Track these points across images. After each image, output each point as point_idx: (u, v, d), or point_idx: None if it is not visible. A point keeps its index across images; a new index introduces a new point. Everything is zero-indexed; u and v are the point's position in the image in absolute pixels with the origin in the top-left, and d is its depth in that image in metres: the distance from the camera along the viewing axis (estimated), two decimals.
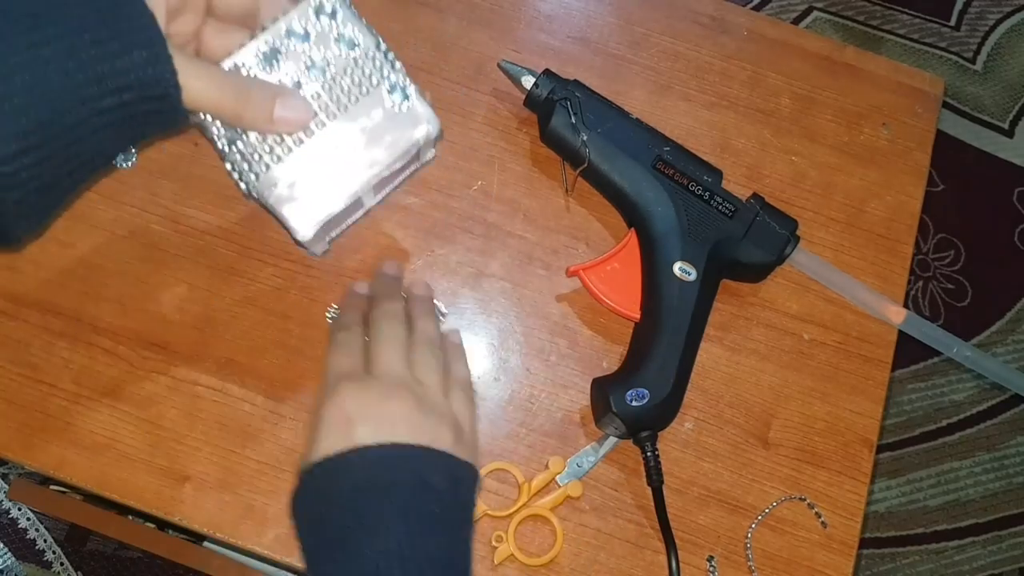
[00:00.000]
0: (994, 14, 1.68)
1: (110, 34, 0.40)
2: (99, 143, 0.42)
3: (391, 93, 0.49)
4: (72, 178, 0.43)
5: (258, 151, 0.47)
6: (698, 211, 0.58)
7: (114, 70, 0.40)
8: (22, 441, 0.53)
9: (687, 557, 0.55)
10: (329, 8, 0.48)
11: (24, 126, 0.39)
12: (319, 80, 0.48)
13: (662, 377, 0.55)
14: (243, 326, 0.57)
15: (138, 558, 1.18)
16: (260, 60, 0.47)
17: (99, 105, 0.41)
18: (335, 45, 0.48)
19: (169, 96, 0.42)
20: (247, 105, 0.45)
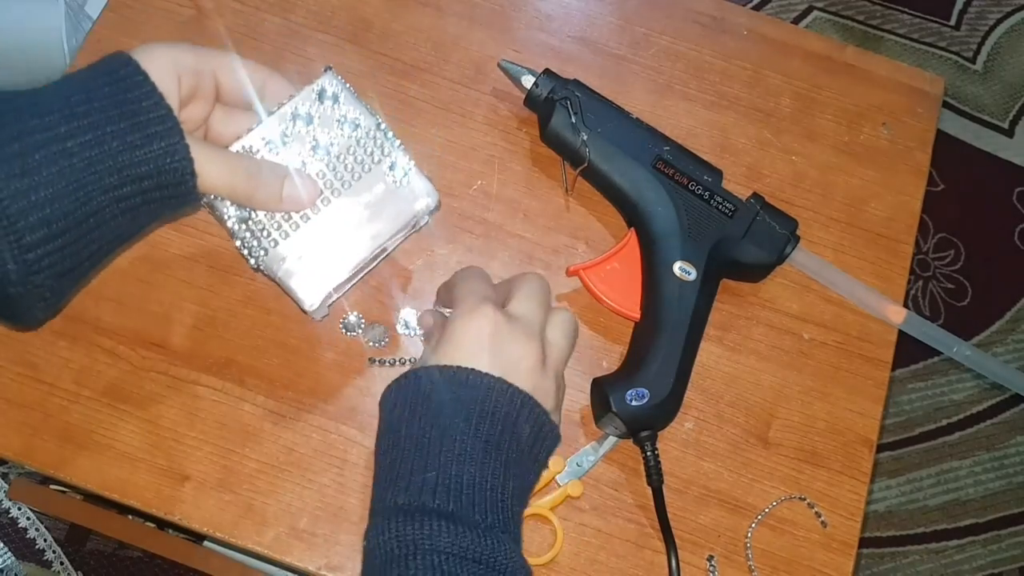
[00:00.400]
0: (994, 14, 1.67)
1: (130, 127, 0.43)
2: (117, 228, 0.45)
3: (392, 170, 0.53)
4: (90, 261, 0.46)
5: (267, 228, 0.51)
6: (698, 211, 0.58)
7: (134, 160, 0.43)
8: (22, 440, 0.53)
9: (687, 557, 0.55)
10: (331, 92, 0.52)
11: (48, 215, 0.42)
12: (324, 160, 0.52)
13: (662, 377, 0.55)
14: (243, 326, 0.57)
15: (138, 558, 1.18)
16: (267, 143, 0.51)
17: (119, 193, 0.44)
18: (338, 127, 0.52)
19: (186, 183, 0.45)
20: (258, 186, 0.49)
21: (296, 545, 0.53)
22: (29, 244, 0.41)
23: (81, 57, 0.61)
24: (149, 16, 0.63)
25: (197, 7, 0.64)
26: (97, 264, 0.47)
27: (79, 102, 0.43)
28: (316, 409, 0.56)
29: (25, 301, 0.43)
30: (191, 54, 0.48)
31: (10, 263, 0.41)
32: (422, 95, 0.64)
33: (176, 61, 0.47)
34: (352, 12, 0.65)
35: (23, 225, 0.41)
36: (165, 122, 0.44)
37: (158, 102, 0.44)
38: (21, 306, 0.43)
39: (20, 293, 0.42)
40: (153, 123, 0.44)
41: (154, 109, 0.44)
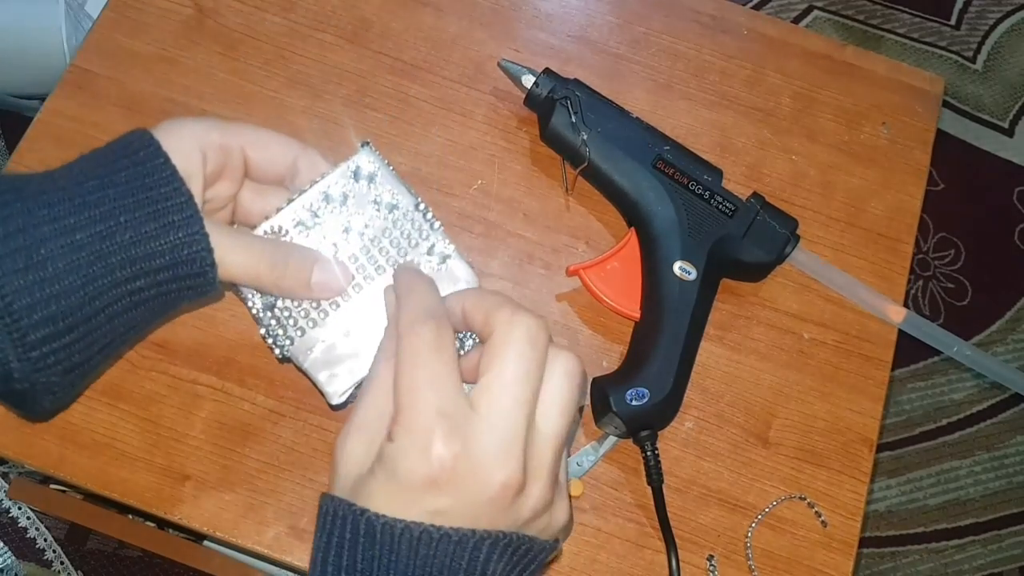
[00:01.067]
0: (994, 13, 1.67)
1: (145, 216, 0.40)
2: (130, 321, 0.42)
3: (429, 254, 0.48)
4: (101, 355, 0.43)
5: (294, 315, 0.47)
6: (698, 210, 0.58)
7: (149, 252, 0.40)
8: (22, 440, 0.53)
9: (687, 556, 0.55)
10: (367, 172, 0.48)
11: (54, 312, 0.39)
12: (357, 243, 0.48)
13: (662, 377, 0.55)
14: (243, 325, 0.57)
15: (138, 557, 1.18)
16: (297, 224, 0.47)
17: (132, 286, 0.41)
18: (373, 208, 0.48)
19: (205, 274, 0.42)
20: (284, 274, 0.45)
21: (296, 545, 0.53)
22: (33, 342, 0.39)
23: (81, 56, 0.61)
24: (149, 15, 0.63)
25: (197, 6, 0.64)
26: (109, 357, 0.44)
27: (92, 189, 0.40)
28: (316, 408, 0.56)
29: (32, 396, 0.41)
30: (218, 131, 0.45)
31: (13, 361, 0.39)
32: (422, 94, 0.64)
33: (202, 138, 0.44)
34: (352, 11, 0.65)
35: (27, 323, 0.38)
36: (184, 211, 0.41)
37: (178, 188, 0.41)
38: (28, 400, 0.41)
39: (25, 389, 0.40)
40: (171, 211, 0.41)
41: (173, 196, 0.41)
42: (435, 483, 0.37)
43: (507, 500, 0.38)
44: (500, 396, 0.38)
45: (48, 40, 1.12)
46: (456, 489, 0.37)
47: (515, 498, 0.38)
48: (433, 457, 0.37)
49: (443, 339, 0.40)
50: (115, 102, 0.61)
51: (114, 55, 0.62)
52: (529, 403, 0.39)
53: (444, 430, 0.37)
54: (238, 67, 0.62)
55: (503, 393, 0.38)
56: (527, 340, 0.39)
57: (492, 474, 0.37)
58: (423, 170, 0.62)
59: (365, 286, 0.48)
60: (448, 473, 0.37)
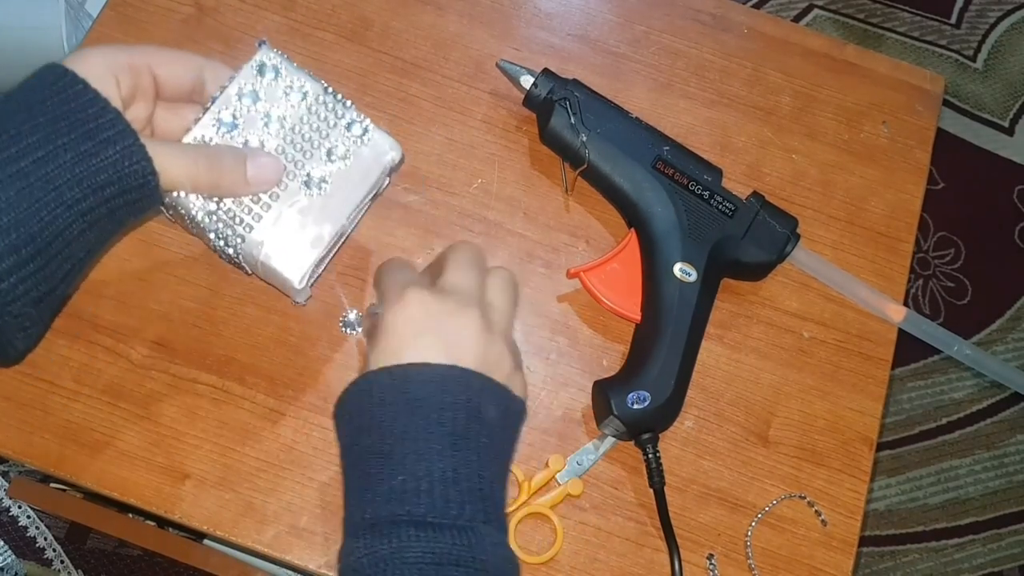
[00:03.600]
0: (995, 12, 1.67)
1: (80, 136, 0.42)
2: (87, 243, 0.44)
3: (349, 130, 0.52)
4: (65, 282, 0.44)
5: (237, 214, 0.50)
6: (698, 211, 0.58)
7: (92, 169, 0.42)
8: (22, 439, 0.53)
9: (687, 555, 0.55)
10: (271, 65, 0.51)
11: (15, 241, 0.40)
12: (279, 134, 0.51)
13: (663, 379, 0.55)
14: (243, 324, 0.57)
15: (138, 556, 1.18)
16: (219, 129, 0.50)
17: (83, 206, 0.42)
18: (285, 98, 0.51)
19: (148, 183, 0.44)
20: (221, 173, 0.48)
21: (296, 543, 0.53)
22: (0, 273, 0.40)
23: None
24: (149, 14, 0.63)
25: (197, 5, 0.64)
26: (72, 283, 0.45)
27: (23, 120, 0.41)
28: (316, 407, 0.56)
29: (5, 334, 0.42)
30: (124, 53, 0.46)
31: None
32: (422, 93, 0.64)
33: (111, 63, 0.45)
34: (352, 10, 0.65)
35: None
36: (116, 125, 0.43)
37: (104, 107, 0.43)
38: (1, 340, 0.42)
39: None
40: (103, 128, 0.42)
41: (102, 115, 0.43)
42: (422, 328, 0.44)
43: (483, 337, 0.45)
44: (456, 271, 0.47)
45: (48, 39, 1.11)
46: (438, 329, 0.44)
47: (487, 335, 0.45)
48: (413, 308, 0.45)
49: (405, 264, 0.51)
50: None
51: None
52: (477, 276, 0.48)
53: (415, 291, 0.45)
54: (238, 66, 0.62)
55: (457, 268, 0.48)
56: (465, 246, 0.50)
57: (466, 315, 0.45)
58: (423, 168, 0.61)
59: (297, 172, 0.51)
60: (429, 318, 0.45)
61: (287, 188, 0.51)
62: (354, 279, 0.59)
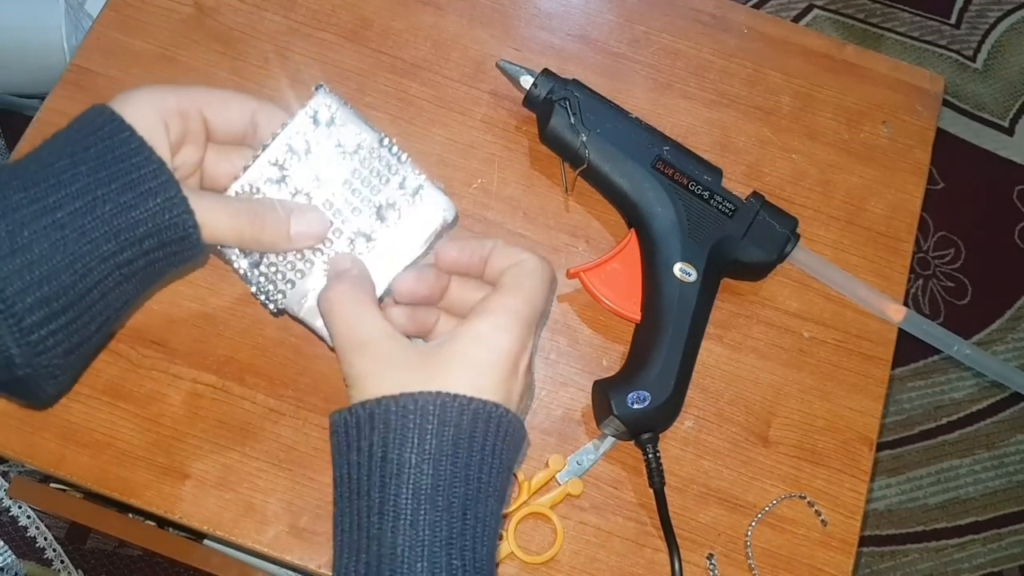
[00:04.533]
0: (994, 12, 1.67)
1: (121, 187, 0.41)
2: (123, 295, 0.43)
3: (402, 188, 0.49)
4: (99, 333, 0.43)
5: (280, 269, 0.48)
6: (698, 211, 0.58)
7: (131, 222, 0.41)
8: (22, 439, 0.53)
9: (687, 555, 0.55)
10: (326, 116, 0.49)
11: (47, 293, 0.39)
12: (329, 189, 0.49)
13: (663, 379, 0.55)
14: (243, 324, 0.57)
15: (138, 556, 1.18)
16: (267, 180, 0.48)
17: (120, 259, 0.41)
18: (338, 151, 0.49)
19: (189, 236, 0.43)
20: (264, 228, 0.46)
21: (296, 543, 0.53)
22: (31, 326, 0.39)
23: (81, 55, 0.61)
24: (149, 14, 0.63)
25: (197, 5, 0.64)
26: (107, 333, 0.44)
27: (64, 168, 0.40)
28: (316, 407, 0.56)
29: (35, 381, 0.41)
30: (174, 96, 0.45)
31: (13, 347, 0.39)
32: (422, 93, 0.64)
33: (160, 107, 0.44)
34: (352, 10, 0.65)
35: (21, 307, 0.38)
36: (158, 176, 0.41)
37: (148, 156, 0.42)
38: (31, 386, 0.41)
39: (28, 375, 0.40)
40: (146, 179, 0.41)
41: (145, 164, 0.41)
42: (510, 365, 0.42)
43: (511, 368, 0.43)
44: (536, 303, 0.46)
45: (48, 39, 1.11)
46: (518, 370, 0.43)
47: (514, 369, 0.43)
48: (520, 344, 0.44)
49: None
50: None
51: (114, 54, 0.62)
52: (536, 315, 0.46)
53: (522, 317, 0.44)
54: (238, 66, 0.62)
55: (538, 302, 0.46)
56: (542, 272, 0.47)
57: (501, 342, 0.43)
58: (423, 169, 0.61)
59: (344, 230, 0.49)
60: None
61: (332, 245, 0.49)
62: None
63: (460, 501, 0.39)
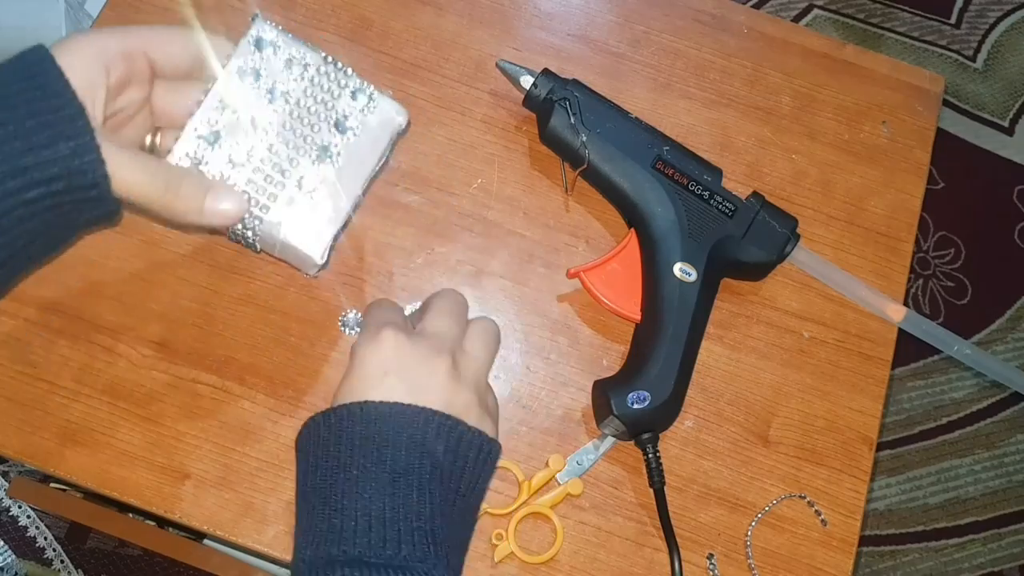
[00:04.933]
0: (994, 12, 1.67)
1: (36, 125, 0.41)
2: (29, 234, 0.43)
3: (355, 99, 0.51)
4: (5, 269, 0.43)
5: (252, 197, 0.50)
6: (698, 211, 0.58)
7: (39, 161, 0.41)
8: (22, 439, 0.53)
9: (687, 555, 0.55)
10: (268, 40, 0.50)
11: None
12: (285, 109, 0.50)
13: (663, 379, 0.55)
14: (243, 324, 0.57)
15: (138, 556, 1.18)
16: (223, 109, 0.49)
17: (25, 196, 0.41)
18: (286, 72, 0.50)
19: (98, 185, 0.43)
20: (176, 197, 0.46)
21: None
22: None
23: None
24: (149, 14, 0.63)
25: (197, 5, 0.64)
26: (14, 274, 0.45)
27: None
28: (316, 407, 0.56)
29: None
30: (116, 39, 0.45)
31: None
32: (422, 93, 0.64)
33: (101, 50, 0.44)
34: (352, 10, 0.65)
35: None
36: (75, 121, 0.42)
37: (69, 100, 0.42)
38: None
39: None
40: (62, 122, 0.41)
41: (64, 107, 0.42)
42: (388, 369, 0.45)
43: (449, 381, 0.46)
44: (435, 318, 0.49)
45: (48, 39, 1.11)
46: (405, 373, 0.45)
47: (455, 383, 0.46)
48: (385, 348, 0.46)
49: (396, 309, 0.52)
50: None
51: None
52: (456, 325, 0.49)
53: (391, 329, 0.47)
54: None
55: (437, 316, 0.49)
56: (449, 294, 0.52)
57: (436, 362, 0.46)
58: (423, 169, 0.61)
59: (307, 146, 0.50)
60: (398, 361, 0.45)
61: (298, 164, 0.50)
62: (354, 279, 0.59)
63: None
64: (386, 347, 0.46)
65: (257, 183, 0.50)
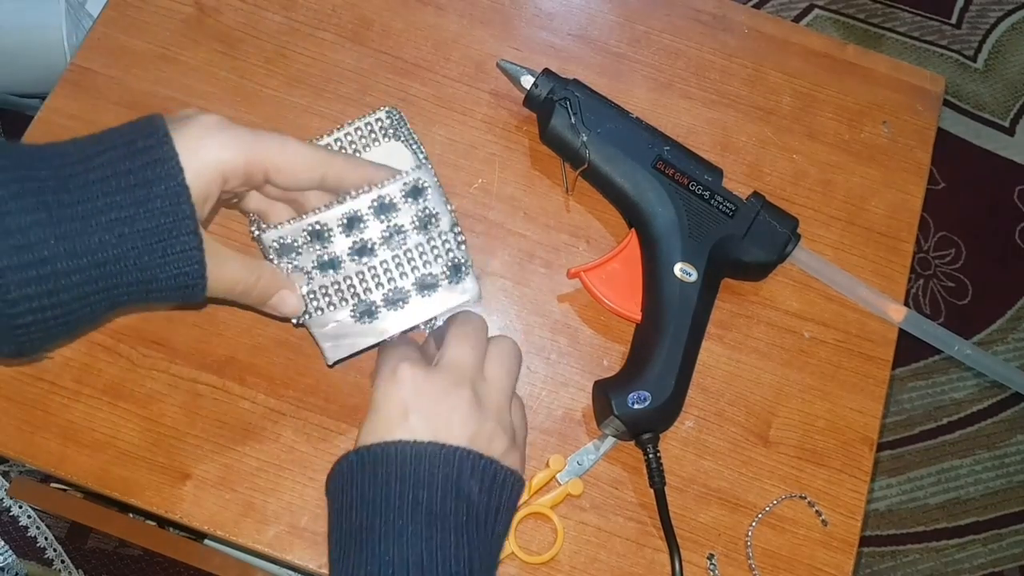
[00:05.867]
0: (995, 12, 1.67)
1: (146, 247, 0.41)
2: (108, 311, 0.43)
3: (447, 271, 0.52)
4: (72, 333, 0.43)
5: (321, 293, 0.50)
6: (699, 211, 0.58)
7: (144, 279, 0.41)
8: (23, 439, 0.53)
9: (687, 555, 0.55)
10: (422, 187, 0.50)
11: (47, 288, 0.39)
12: (392, 250, 0.51)
13: (664, 379, 0.55)
14: (243, 324, 0.57)
15: (139, 556, 1.18)
16: (343, 221, 0.49)
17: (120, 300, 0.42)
18: (416, 221, 0.51)
19: (194, 291, 0.43)
20: (253, 290, 0.47)
21: (297, 543, 0.53)
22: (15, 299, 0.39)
23: (81, 55, 0.61)
24: (150, 14, 0.63)
25: (197, 5, 0.64)
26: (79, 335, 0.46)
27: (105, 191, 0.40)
28: (317, 407, 0.56)
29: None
30: (244, 155, 0.44)
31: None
32: (422, 93, 0.64)
33: (225, 163, 0.43)
34: (353, 10, 0.65)
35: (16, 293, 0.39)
36: (187, 236, 0.41)
37: (187, 217, 0.41)
38: None
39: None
40: (175, 243, 0.41)
41: (179, 227, 0.41)
42: (409, 406, 0.45)
43: (472, 413, 0.45)
44: (452, 348, 0.48)
45: (48, 38, 1.11)
46: (427, 410, 0.45)
47: (477, 412, 0.46)
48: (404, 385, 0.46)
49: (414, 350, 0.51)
50: (115, 101, 0.61)
51: (114, 54, 0.62)
52: (476, 351, 0.48)
53: (408, 364, 0.46)
54: (239, 66, 0.62)
55: (455, 345, 0.48)
56: (465, 318, 0.51)
57: (457, 395, 0.46)
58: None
59: (387, 286, 0.51)
60: (417, 397, 0.45)
61: (370, 295, 0.51)
62: None
63: None
64: (404, 384, 0.46)
65: (330, 294, 0.50)
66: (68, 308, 0.40)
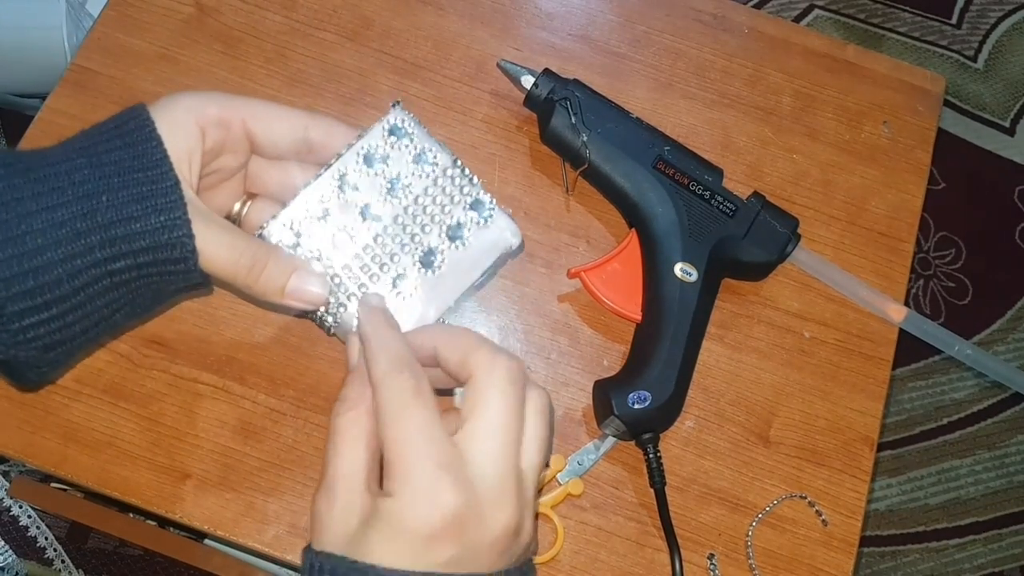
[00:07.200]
0: (995, 12, 1.67)
1: (129, 197, 0.40)
2: (112, 303, 0.42)
3: (472, 210, 0.49)
4: (85, 336, 0.43)
5: (344, 283, 0.47)
6: (699, 211, 0.58)
7: (129, 233, 0.40)
8: (23, 438, 0.53)
9: (688, 555, 0.55)
10: (403, 128, 0.48)
11: (32, 287, 0.39)
12: (401, 203, 0.48)
13: (664, 379, 0.55)
14: (243, 324, 0.57)
15: (139, 556, 1.18)
16: (339, 189, 0.47)
17: (112, 267, 0.41)
18: (412, 166, 0.48)
19: (185, 260, 0.42)
20: (259, 277, 0.44)
21: (297, 543, 0.53)
22: (11, 315, 0.39)
23: (82, 55, 0.61)
24: (150, 14, 0.63)
25: (198, 5, 0.64)
26: (94, 339, 0.44)
27: (80, 166, 0.40)
28: (317, 407, 0.56)
29: (16, 368, 0.41)
30: (216, 105, 0.44)
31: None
32: (423, 93, 0.64)
33: (199, 113, 0.43)
34: (353, 10, 0.65)
35: (3, 296, 0.38)
36: (169, 195, 0.41)
37: (165, 172, 0.41)
38: (13, 371, 0.42)
39: (8, 360, 0.40)
40: (156, 195, 0.40)
41: (159, 180, 0.41)
42: (442, 534, 0.37)
43: (509, 541, 0.39)
44: (490, 442, 0.39)
45: (49, 38, 1.12)
46: (461, 537, 0.38)
47: (514, 538, 0.39)
48: (442, 509, 0.37)
49: (422, 386, 0.40)
50: (116, 101, 0.61)
51: (115, 54, 0.62)
52: (515, 444, 0.40)
53: (448, 482, 0.38)
54: (239, 66, 0.62)
55: (492, 439, 0.39)
56: (510, 383, 0.40)
57: (495, 519, 0.38)
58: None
59: (412, 246, 0.48)
60: (455, 524, 0.37)
61: (399, 261, 0.47)
62: None
63: None
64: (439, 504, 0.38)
65: (353, 270, 0.47)
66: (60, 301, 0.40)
